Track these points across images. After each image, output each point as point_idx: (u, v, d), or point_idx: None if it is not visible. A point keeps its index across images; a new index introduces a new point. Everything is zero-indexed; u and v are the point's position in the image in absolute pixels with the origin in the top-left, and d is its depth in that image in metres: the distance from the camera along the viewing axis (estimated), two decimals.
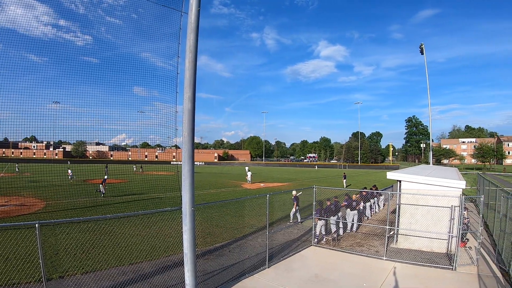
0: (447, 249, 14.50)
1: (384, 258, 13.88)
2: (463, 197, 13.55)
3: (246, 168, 48.54)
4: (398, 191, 15.96)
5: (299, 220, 20.73)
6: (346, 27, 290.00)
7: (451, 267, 12.75)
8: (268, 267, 12.72)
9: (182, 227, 8.77)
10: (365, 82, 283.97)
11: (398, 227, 15.39)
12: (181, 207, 8.89)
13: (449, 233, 14.07)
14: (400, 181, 16.03)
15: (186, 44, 8.54)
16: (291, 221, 20.80)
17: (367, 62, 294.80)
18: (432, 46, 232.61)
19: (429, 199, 14.45)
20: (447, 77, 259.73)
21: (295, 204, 20.79)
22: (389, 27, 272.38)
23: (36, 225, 7.30)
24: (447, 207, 14.03)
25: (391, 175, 17.05)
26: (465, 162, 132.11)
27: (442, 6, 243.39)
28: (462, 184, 14.39)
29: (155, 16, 10.90)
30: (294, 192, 21.36)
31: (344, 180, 49.58)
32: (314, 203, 16.15)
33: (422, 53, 44.35)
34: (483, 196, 15.01)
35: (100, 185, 31.58)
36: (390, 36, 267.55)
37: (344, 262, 13.60)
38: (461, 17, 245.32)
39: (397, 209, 15.34)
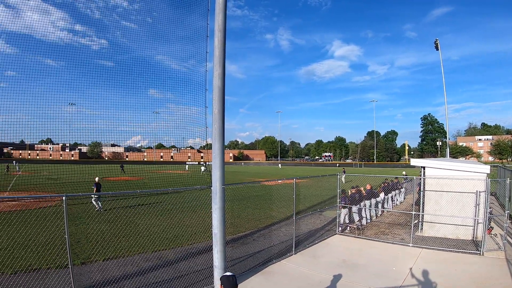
0: (473, 236, 14.37)
1: (410, 244, 13.82)
2: (489, 180, 13.41)
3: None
4: (422, 177, 15.82)
5: (98, 207, 21.07)
6: (360, 26, 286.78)
7: (478, 252, 12.67)
8: (295, 254, 12.77)
9: (203, 218, 8.81)
10: (379, 81, 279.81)
11: (423, 212, 15.27)
12: (211, 186, 8.92)
13: (475, 217, 13.92)
14: (424, 168, 15.90)
15: (215, 23, 8.62)
16: (96, 208, 21.05)
17: (380, 61, 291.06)
18: (445, 45, 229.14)
19: (454, 185, 14.32)
20: (461, 75, 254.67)
21: (94, 190, 21.55)
22: (403, 26, 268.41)
23: (64, 197, 7.48)
24: (472, 192, 13.89)
25: (415, 161, 16.99)
26: (482, 159, 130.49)
27: (455, 4, 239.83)
28: (486, 168, 14.25)
29: (171, 19, 11.05)
30: (97, 179, 22.38)
31: (343, 176, 48.74)
32: (338, 191, 16.12)
33: (437, 48, 43.87)
34: (508, 179, 14.82)
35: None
36: (404, 35, 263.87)
37: (371, 249, 13.58)
38: (473, 15, 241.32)
39: (422, 195, 15.22)
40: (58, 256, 11.30)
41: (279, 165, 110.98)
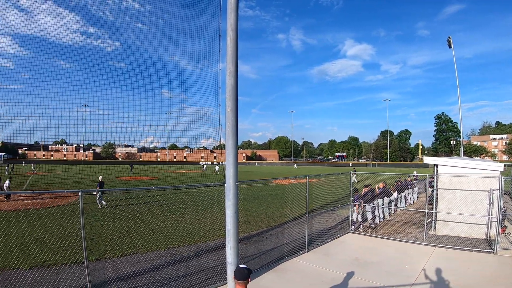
0: (487, 235, 14.25)
1: (424, 243, 13.74)
2: (502, 177, 13.27)
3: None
4: (435, 174, 15.73)
5: (101, 206, 21.73)
6: (372, 25, 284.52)
7: (492, 251, 12.56)
8: (308, 251, 12.79)
9: (216, 217, 8.87)
10: (391, 80, 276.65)
11: (436, 210, 15.20)
12: (224, 183, 8.99)
13: (489, 215, 13.82)
14: (437, 166, 15.81)
15: (227, 22, 8.70)
16: (99, 207, 21.67)
17: (393, 60, 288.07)
18: (458, 43, 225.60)
19: (467, 183, 14.22)
20: (474, 74, 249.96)
21: (97, 187, 22.07)
22: (415, 24, 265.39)
23: (80, 193, 7.77)
24: (486, 190, 13.79)
25: (428, 159, 16.90)
26: (496, 158, 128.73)
27: (467, 1, 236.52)
28: (500, 166, 14.14)
29: (183, 20, 11.13)
30: (100, 178, 23.26)
31: (354, 175, 48.57)
32: (351, 189, 16.12)
33: (450, 46, 43.51)
34: None
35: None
36: (416, 34, 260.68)
37: (384, 247, 13.55)
38: (485, 13, 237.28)
39: (435, 194, 15.14)
40: (73, 253, 11.52)
41: (295, 165, 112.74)
